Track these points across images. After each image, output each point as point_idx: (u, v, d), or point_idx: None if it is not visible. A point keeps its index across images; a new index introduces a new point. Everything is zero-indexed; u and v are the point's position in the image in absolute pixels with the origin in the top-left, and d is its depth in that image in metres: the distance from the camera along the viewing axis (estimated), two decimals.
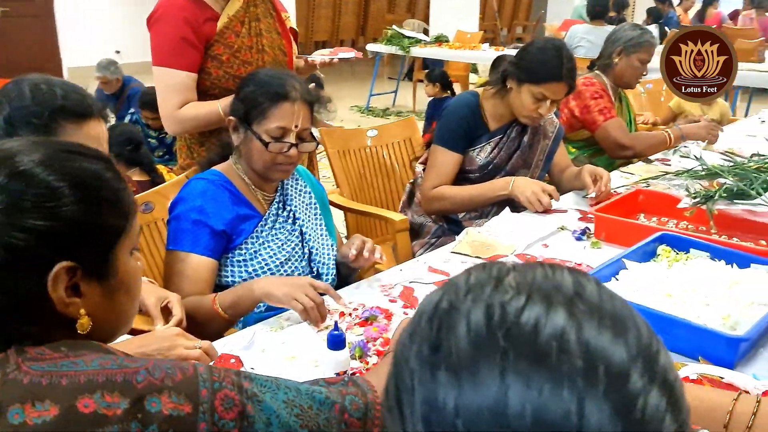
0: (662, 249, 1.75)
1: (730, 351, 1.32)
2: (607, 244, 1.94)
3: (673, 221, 2.08)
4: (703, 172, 2.18)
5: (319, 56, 2.25)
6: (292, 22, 2.34)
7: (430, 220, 2.51)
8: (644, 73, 3.11)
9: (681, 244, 1.75)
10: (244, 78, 1.77)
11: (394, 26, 8.30)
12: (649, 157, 2.90)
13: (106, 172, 0.85)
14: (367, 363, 1.34)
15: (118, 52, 9.16)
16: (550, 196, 2.22)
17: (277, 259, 1.74)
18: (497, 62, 4.10)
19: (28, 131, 1.26)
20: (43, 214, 0.78)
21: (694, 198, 1.98)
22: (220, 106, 2.02)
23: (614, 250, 1.89)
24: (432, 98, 5.38)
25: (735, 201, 1.95)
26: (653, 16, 8.45)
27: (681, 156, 2.52)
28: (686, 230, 1.98)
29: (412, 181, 2.68)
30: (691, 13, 10.39)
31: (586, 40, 5.81)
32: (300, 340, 1.42)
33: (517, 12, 15.45)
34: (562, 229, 2.06)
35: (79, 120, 1.32)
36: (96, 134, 1.34)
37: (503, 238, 1.98)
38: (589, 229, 2.01)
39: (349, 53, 2.27)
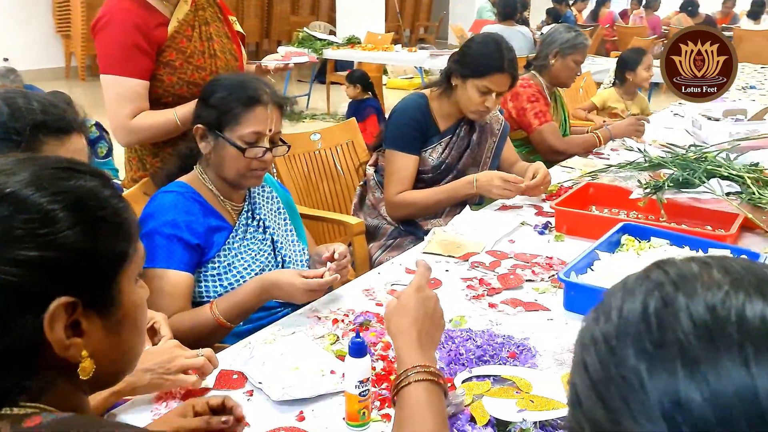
0: (626, 239, 1.83)
1: None
2: (570, 237, 2.01)
3: (624, 212, 2.19)
4: (646, 164, 2.31)
5: (273, 61, 2.21)
6: (238, 26, 2.29)
7: (385, 222, 2.52)
8: (578, 73, 3.26)
9: (642, 233, 1.85)
10: (209, 84, 1.72)
11: (305, 29, 8.26)
12: None
13: (104, 189, 0.76)
14: (374, 369, 1.33)
15: (6, 59, 8.61)
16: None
17: (252, 270, 1.70)
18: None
19: (6, 148, 1.17)
20: (36, 242, 0.68)
21: (645, 188, 2.09)
22: (176, 114, 1.95)
23: (577, 242, 1.97)
24: (353, 100, 5.39)
25: (681, 190, 2.07)
26: (552, 16, 8.82)
27: (625, 148, 2.65)
28: (637, 219, 2.09)
29: (362, 183, 2.69)
30: (585, 12, 10.92)
31: None
32: (298, 349, 1.40)
33: (418, 13, 15.70)
34: (523, 224, 2.12)
35: (61, 135, 1.24)
36: (78, 149, 1.27)
37: (470, 236, 2.01)
38: (550, 223, 2.08)
39: (302, 57, 2.23)
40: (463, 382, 1.27)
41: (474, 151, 2.50)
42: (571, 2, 10.26)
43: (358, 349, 1.14)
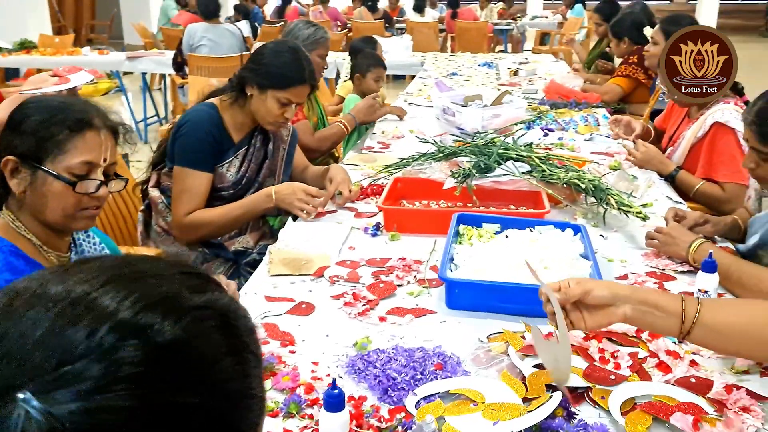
0: (464, 228, 1.91)
1: None
2: (404, 235, 2.02)
3: (434, 202, 2.28)
4: (441, 154, 2.42)
5: (50, 87, 1.79)
6: None
7: (184, 248, 2.27)
8: (326, 67, 3.28)
9: (475, 221, 1.94)
10: (19, 108, 1.36)
11: None
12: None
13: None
14: (312, 417, 1.19)
15: None
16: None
17: None
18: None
19: None
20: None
21: (456, 178, 2.19)
22: None
23: (412, 239, 2.00)
24: None
25: (486, 175, 2.21)
26: (242, 12, 8.76)
27: (420, 141, 2.73)
28: (449, 208, 2.19)
29: (143, 208, 2.38)
30: (268, 8, 11.07)
31: (206, 38, 5.77)
32: None
33: (82, 11, 14.36)
34: (352, 229, 2.08)
35: None
36: None
37: (310, 249, 1.91)
38: (380, 224, 2.07)
39: (82, 75, 1.85)
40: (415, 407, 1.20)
41: (271, 161, 2.37)
42: None
43: (337, 403, 1.00)
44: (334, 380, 1.04)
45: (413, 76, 5.91)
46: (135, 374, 0.46)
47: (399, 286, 1.70)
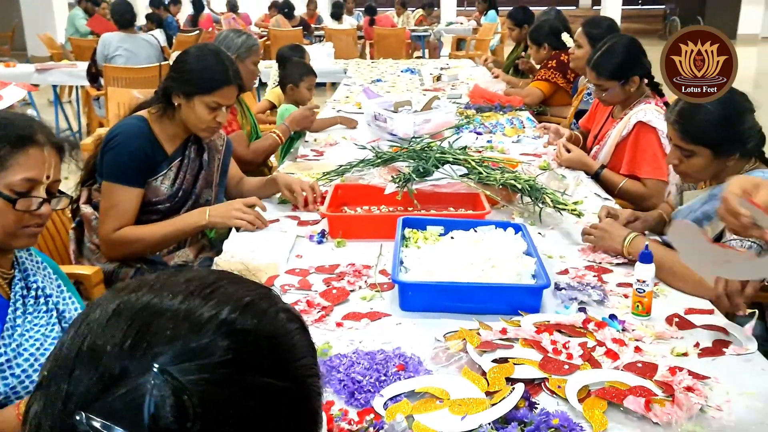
0: (410, 232, 1.94)
1: (536, 299, 1.60)
2: (350, 240, 2.04)
3: (375, 207, 2.30)
4: (379, 160, 2.45)
5: None
6: None
7: (123, 264, 2.20)
8: (258, 74, 3.26)
9: (419, 224, 1.98)
10: None
11: None
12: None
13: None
14: None
15: None
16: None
17: (46, 350, 1.36)
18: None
19: None
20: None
21: (397, 183, 2.23)
22: None
23: (358, 244, 2.02)
24: None
25: (425, 179, 2.26)
26: (155, 21, 8.54)
27: (358, 147, 2.74)
28: (390, 213, 2.22)
29: (74, 225, 2.30)
30: (180, 16, 10.85)
31: (123, 48, 5.60)
32: None
33: None
34: (297, 237, 2.08)
35: None
36: None
37: (258, 259, 1.90)
38: (325, 231, 2.07)
39: (13, 90, 1.77)
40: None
41: (207, 171, 2.34)
42: (166, 2, 10.06)
43: None
44: None
45: (333, 84, 5.94)
46: (237, 359, 0.56)
47: (351, 291, 1.71)
